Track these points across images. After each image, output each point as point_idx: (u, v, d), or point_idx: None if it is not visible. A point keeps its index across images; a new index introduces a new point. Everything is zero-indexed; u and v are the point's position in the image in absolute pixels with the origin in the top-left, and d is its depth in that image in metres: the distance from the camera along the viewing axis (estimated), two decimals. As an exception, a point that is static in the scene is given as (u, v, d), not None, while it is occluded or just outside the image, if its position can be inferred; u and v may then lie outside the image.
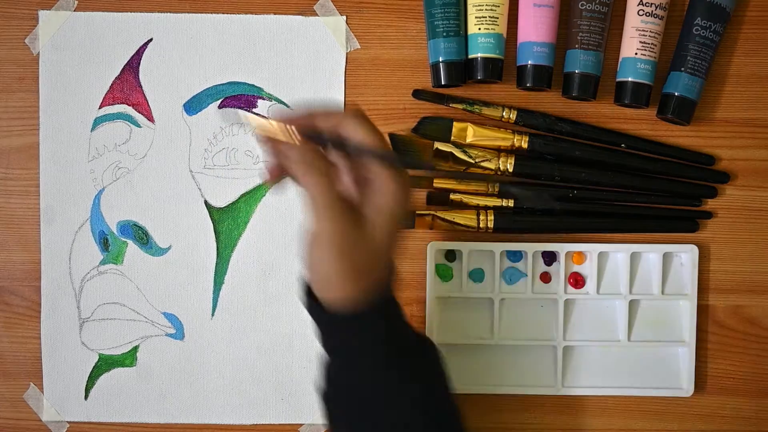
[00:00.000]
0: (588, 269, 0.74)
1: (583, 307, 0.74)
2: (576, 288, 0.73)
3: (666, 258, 0.73)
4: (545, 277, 0.74)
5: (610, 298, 0.74)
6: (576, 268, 0.74)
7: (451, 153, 0.72)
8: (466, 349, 0.74)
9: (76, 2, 0.73)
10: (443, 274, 0.73)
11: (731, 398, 0.74)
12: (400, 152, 0.73)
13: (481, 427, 0.74)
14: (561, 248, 0.73)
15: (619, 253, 0.73)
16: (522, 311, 0.74)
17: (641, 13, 0.70)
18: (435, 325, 0.73)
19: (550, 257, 0.74)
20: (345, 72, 0.73)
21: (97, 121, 0.73)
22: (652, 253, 0.73)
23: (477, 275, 0.73)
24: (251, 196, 0.73)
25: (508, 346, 0.74)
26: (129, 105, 0.73)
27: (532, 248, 0.73)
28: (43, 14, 0.73)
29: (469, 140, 0.72)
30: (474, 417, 0.74)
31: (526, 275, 0.73)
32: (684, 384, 0.73)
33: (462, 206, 0.73)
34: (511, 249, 0.73)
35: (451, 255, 0.73)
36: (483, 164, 0.72)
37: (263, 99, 0.73)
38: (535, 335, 0.74)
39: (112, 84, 0.73)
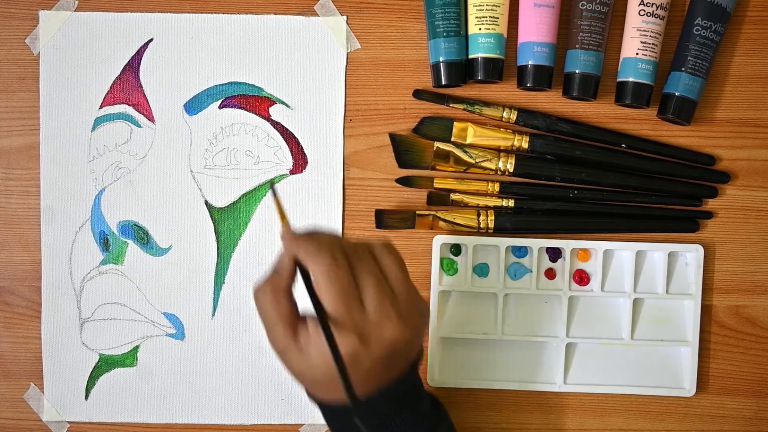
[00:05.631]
0: (593, 266, 0.74)
1: (587, 305, 0.74)
2: (580, 285, 0.74)
3: (671, 257, 0.73)
4: (550, 273, 0.74)
5: (615, 296, 0.74)
6: (581, 265, 0.74)
7: (452, 153, 0.72)
8: (469, 343, 0.74)
9: (77, 2, 0.73)
10: (448, 268, 0.73)
11: (732, 398, 0.74)
12: (401, 152, 0.73)
13: (481, 427, 0.74)
14: (566, 245, 0.73)
15: (624, 251, 0.73)
16: (526, 307, 0.74)
17: (642, 13, 0.70)
18: (438, 318, 0.73)
19: (555, 253, 0.74)
20: (345, 72, 0.73)
21: (98, 121, 0.73)
22: (657, 252, 0.73)
23: (482, 270, 0.73)
24: (252, 196, 0.73)
25: (511, 341, 0.74)
26: (129, 105, 0.73)
27: (537, 244, 0.73)
28: (43, 14, 0.73)
29: (469, 140, 0.72)
30: (474, 416, 0.74)
31: (531, 271, 0.73)
32: (686, 384, 0.73)
33: (462, 206, 0.73)
34: (516, 244, 0.73)
35: (456, 249, 0.74)
36: (483, 164, 0.72)
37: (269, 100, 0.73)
38: (538, 331, 0.74)
39: (112, 84, 0.73)
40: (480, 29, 0.70)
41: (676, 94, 0.70)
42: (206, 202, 0.73)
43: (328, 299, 0.55)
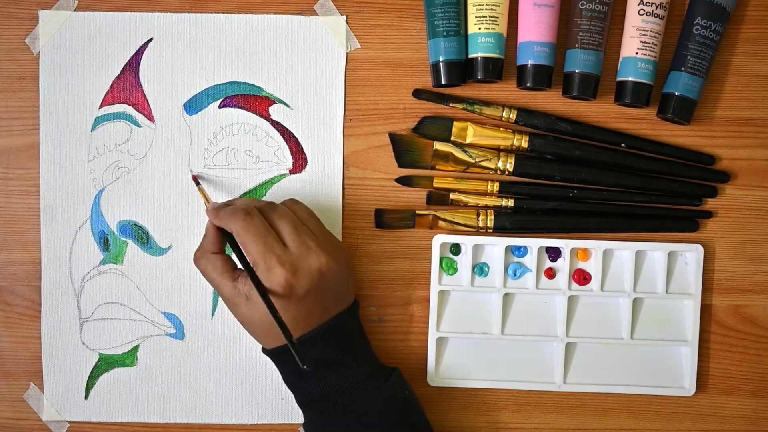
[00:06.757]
0: (593, 266, 0.74)
1: (587, 304, 0.74)
2: (580, 285, 0.73)
3: (671, 257, 0.73)
4: (550, 273, 0.74)
5: (614, 296, 0.74)
6: (581, 264, 0.74)
7: (452, 153, 0.72)
8: (469, 342, 0.74)
9: (77, 2, 0.73)
10: (448, 267, 0.73)
11: (732, 398, 0.74)
12: (401, 152, 0.73)
13: (481, 427, 0.74)
14: (566, 244, 0.73)
15: (624, 250, 0.73)
16: (526, 306, 0.74)
17: (642, 12, 0.70)
18: (438, 318, 0.73)
19: (554, 253, 0.74)
20: (345, 72, 0.73)
21: (98, 121, 0.73)
22: (657, 252, 0.73)
23: (482, 269, 0.73)
24: (251, 196, 0.73)
25: (511, 340, 0.74)
26: (129, 105, 0.73)
27: (537, 244, 0.73)
28: (43, 14, 0.73)
29: (469, 140, 0.72)
30: (474, 416, 0.74)
31: (531, 270, 0.73)
32: (686, 383, 0.73)
33: (462, 206, 0.73)
34: (516, 244, 0.73)
35: (456, 249, 0.73)
36: (483, 164, 0.72)
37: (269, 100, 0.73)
38: (538, 331, 0.74)
39: (112, 84, 0.73)
40: (480, 29, 0.70)
41: (676, 93, 0.70)
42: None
43: (251, 247, 0.62)
